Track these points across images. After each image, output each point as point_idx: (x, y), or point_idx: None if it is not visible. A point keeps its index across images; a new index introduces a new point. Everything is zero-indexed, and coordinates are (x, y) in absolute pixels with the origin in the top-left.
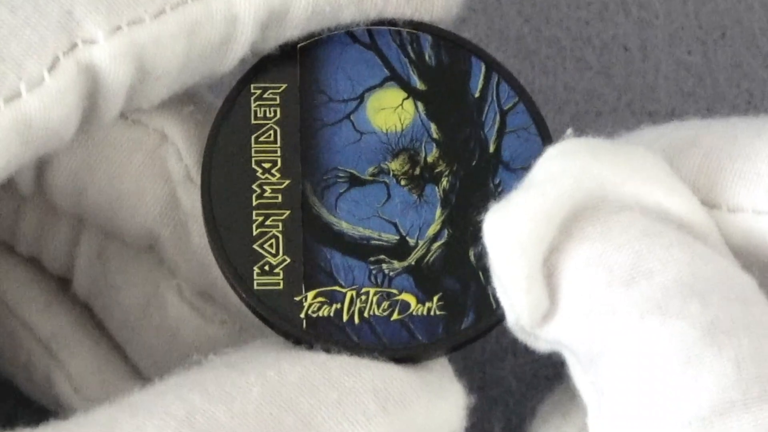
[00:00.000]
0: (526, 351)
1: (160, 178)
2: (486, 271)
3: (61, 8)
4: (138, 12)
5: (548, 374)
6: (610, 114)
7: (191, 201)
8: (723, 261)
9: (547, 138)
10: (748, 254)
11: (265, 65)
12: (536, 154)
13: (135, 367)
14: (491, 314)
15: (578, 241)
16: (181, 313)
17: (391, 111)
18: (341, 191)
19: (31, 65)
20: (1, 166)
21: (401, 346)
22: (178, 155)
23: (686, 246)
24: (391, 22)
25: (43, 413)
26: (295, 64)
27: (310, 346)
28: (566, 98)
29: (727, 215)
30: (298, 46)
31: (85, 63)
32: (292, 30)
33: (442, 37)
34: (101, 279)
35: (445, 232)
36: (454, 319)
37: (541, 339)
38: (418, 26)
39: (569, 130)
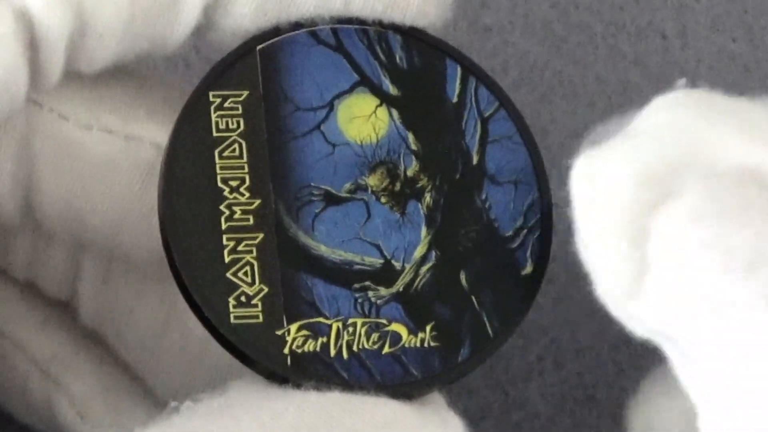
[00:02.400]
0: (554, 370)
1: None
2: (480, 295)
3: None
4: None
5: (578, 396)
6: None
7: None
8: None
9: (532, 147)
10: None
11: (223, 70)
12: (523, 165)
13: (145, 387)
14: (489, 344)
15: (689, 216)
16: (203, 335)
17: (364, 120)
18: (317, 211)
19: None
20: None
21: (395, 382)
22: None
23: None
24: (358, 20)
25: None
26: (255, 68)
27: (297, 386)
28: (598, 90)
29: None
30: (258, 48)
31: (20, 8)
32: (240, 17)
33: (412, 36)
34: (111, 303)
35: (433, 254)
36: (450, 351)
37: (636, 318)
38: (385, 24)
39: (682, 80)
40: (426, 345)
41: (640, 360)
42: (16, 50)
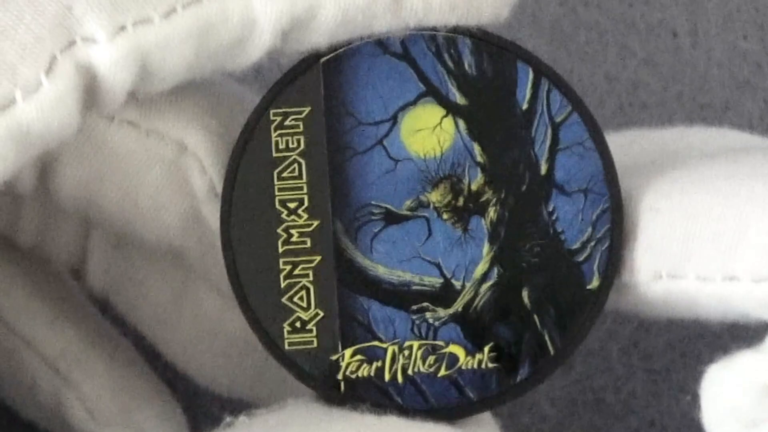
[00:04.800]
0: (562, 373)
1: (180, 192)
2: (542, 313)
3: (60, 2)
4: (146, 10)
5: (587, 399)
6: (657, 107)
7: (216, 216)
8: None
9: (605, 152)
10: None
11: (284, 86)
12: (594, 172)
13: (156, 385)
14: (549, 363)
15: None
16: (220, 305)
17: (428, 132)
18: (376, 230)
19: (26, 69)
20: None
21: (450, 405)
22: (201, 168)
23: None
24: (428, 27)
25: None
26: (318, 82)
27: (354, 407)
28: (608, 89)
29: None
30: (321, 60)
31: (84, 64)
32: (318, 37)
33: (483, 40)
34: (121, 272)
35: (495, 272)
36: (508, 372)
37: None
38: (455, 28)
39: None
40: (484, 366)
41: (650, 363)
42: (72, 105)
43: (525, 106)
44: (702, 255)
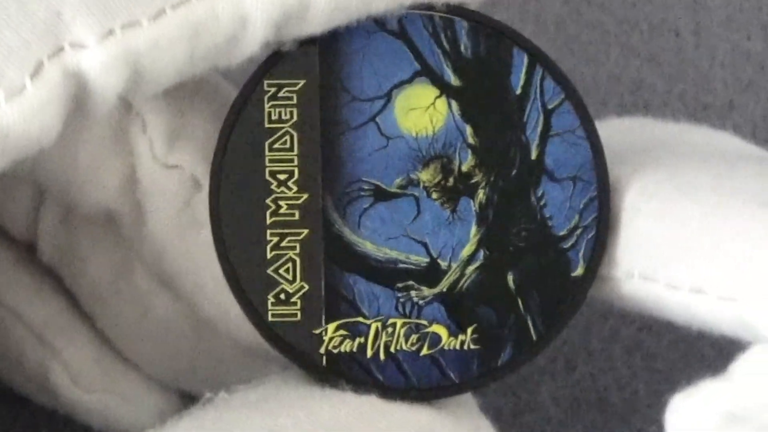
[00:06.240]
0: (565, 372)
1: (121, 152)
2: (526, 297)
3: (49, 8)
4: (135, 13)
5: (590, 399)
6: (660, 107)
7: (150, 179)
8: None
9: (595, 142)
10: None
11: (280, 58)
12: (583, 161)
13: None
14: (531, 347)
15: None
16: (150, 286)
17: (421, 111)
18: (365, 207)
19: (11, 72)
20: None
21: (431, 385)
22: (142, 126)
23: None
24: (425, 5)
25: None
26: (314, 56)
27: (335, 385)
28: (610, 89)
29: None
30: (317, 34)
31: (73, 69)
32: (313, 27)
33: (479, 23)
34: (66, 246)
35: (481, 254)
36: (490, 355)
37: None
38: (452, 10)
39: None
40: (466, 347)
41: (653, 362)
42: (55, 111)
43: (519, 92)
44: (673, 263)
